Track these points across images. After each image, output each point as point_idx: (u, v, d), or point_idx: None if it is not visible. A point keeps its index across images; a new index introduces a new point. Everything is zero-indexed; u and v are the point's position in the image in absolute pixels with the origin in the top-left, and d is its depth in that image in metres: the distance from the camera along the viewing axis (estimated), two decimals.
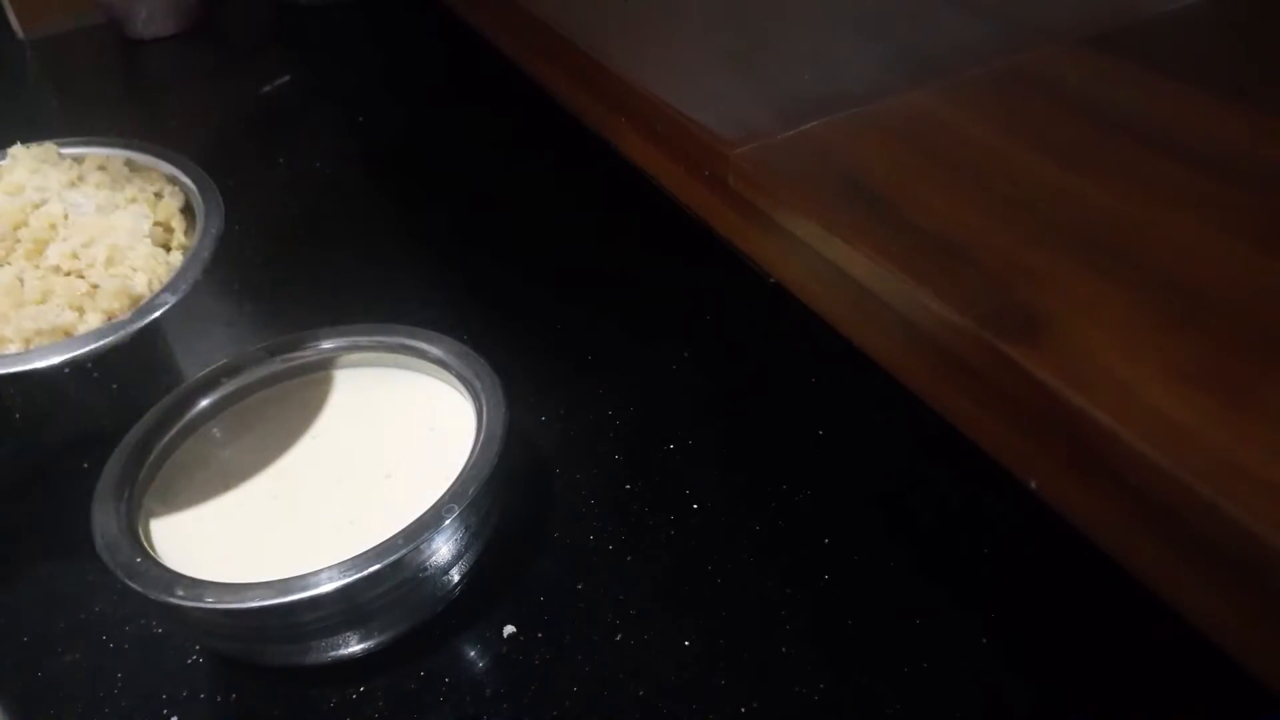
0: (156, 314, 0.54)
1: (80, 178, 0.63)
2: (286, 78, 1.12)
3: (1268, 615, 0.22)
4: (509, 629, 0.53)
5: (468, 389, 0.56)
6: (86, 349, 0.52)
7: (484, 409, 0.54)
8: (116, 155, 0.65)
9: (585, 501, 0.60)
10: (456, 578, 0.51)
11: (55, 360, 0.51)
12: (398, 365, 0.60)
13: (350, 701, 0.50)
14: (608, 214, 0.84)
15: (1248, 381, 0.25)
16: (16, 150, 0.64)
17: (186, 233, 0.62)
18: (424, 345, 0.58)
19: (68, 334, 0.53)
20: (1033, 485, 0.28)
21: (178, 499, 0.53)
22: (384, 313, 0.62)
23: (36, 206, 0.58)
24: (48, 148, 0.64)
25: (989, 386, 0.28)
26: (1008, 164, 0.35)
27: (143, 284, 0.56)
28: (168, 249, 0.61)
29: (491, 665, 0.52)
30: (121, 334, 0.53)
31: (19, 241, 0.57)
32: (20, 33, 1.24)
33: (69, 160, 0.64)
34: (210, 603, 0.45)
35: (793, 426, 0.64)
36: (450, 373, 0.58)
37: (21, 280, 0.55)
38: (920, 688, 0.49)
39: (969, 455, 0.31)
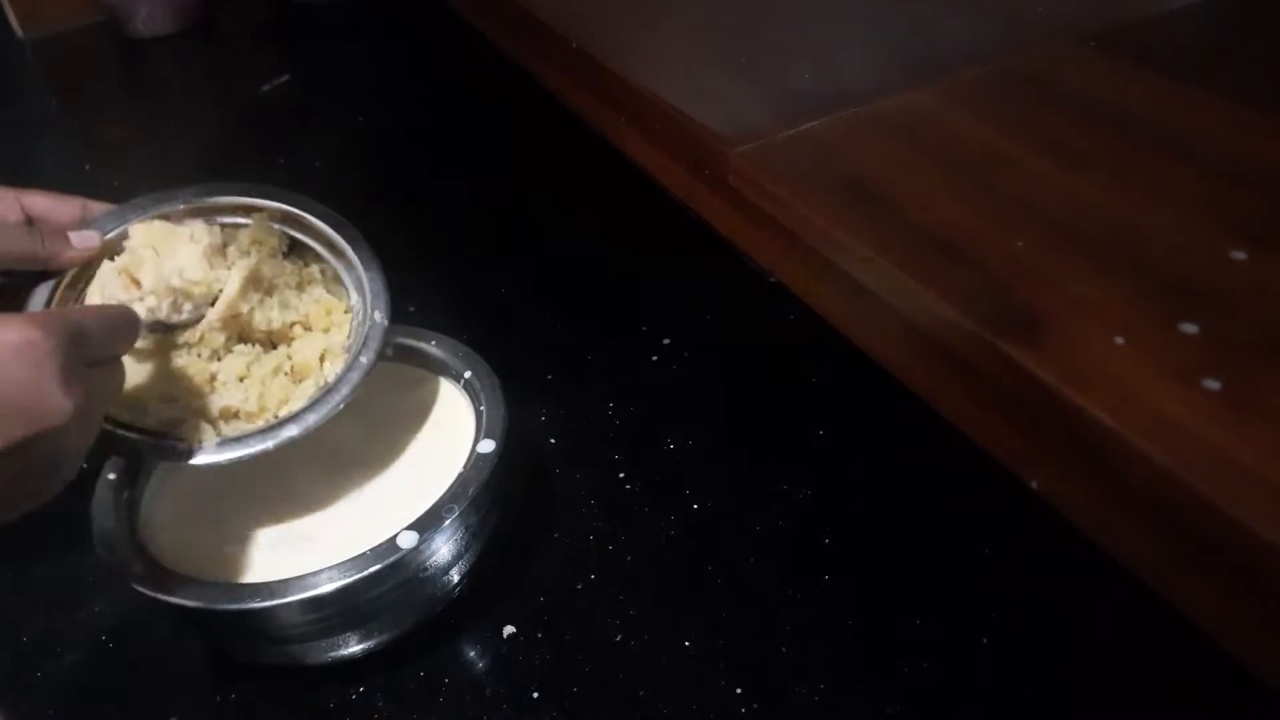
0: None
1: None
2: (286, 77, 1.12)
3: (1267, 614, 0.22)
4: (509, 629, 0.53)
5: (467, 389, 0.56)
6: None
7: (483, 409, 0.54)
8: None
9: (585, 501, 0.60)
10: (456, 578, 0.51)
11: None
12: (397, 365, 0.60)
13: (350, 701, 0.50)
14: (607, 213, 0.84)
15: (1247, 381, 0.25)
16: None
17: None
18: (424, 345, 0.58)
19: None
20: (1033, 485, 0.28)
21: (176, 499, 0.53)
22: None
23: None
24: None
25: (989, 386, 0.28)
26: (1008, 164, 0.35)
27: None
28: None
29: (491, 665, 0.52)
30: None
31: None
32: (20, 32, 1.23)
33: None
34: (210, 603, 0.45)
35: (793, 426, 0.64)
36: (450, 373, 0.58)
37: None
38: (920, 688, 0.49)
39: (969, 455, 0.31)
